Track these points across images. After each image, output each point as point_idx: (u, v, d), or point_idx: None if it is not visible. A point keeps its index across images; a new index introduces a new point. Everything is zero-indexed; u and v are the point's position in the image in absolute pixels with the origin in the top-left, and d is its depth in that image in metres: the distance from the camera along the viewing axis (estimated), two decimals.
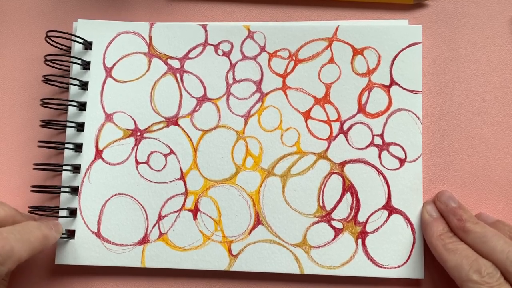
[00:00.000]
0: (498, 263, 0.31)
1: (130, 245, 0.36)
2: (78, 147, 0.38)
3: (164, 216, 0.37)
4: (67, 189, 0.37)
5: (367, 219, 0.36)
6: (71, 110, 0.38)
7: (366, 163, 0.37)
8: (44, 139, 0.38)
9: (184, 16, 0.40)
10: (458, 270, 0.32)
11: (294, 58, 0.38)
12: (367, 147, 0.37)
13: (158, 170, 0.37)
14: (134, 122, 0.38)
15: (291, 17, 0.40)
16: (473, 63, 0.38)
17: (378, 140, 0.37)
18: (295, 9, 0.40)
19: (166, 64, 0.38)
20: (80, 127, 0.38)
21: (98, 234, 0.36)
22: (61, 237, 0.36)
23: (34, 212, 0.36)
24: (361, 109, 0.37)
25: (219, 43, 0.38)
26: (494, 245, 0.31)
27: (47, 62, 0.37)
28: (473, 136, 0.38)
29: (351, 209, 0.36)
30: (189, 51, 0.38)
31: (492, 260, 0.31)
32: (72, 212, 0.37)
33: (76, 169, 0.37)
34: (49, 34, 0.37)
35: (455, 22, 0.39)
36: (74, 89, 0.38)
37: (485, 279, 0.30)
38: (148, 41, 0.38)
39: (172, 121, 0.38)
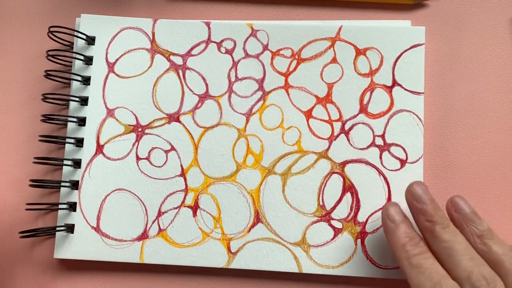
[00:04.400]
0: (459, 281, 0.29)
1: (129, 240, 0.36)
2: (79, 142, 0.38)
3: (163, 212, 0.37)
4: (67, 184, 0.37)
5: (367, 219, 0.36)
6: (73, 105, 0.38)
7: (367, 163, 0.37)
8: (45, 134, 0.38)
9: (185, 16, 0.40)
10: None
11: (296, 57, 0.38)
12: (368, 147, 0.37)
13: (159, 166, 0.37)
14: (136, 117, 0.38)
15: (293, 17, 0.40)
16: (473, 64, 0.38)
17: (379, 141, 0.37)
18: (297, 9, 0.40)
19: (169, 60, 0.38)
20: (81, 122, 0.38)
21: (97, 229, 0.36)
22: (60, 231, 0.36)
23: (32, 207, 0.36)
24: (363, 109, 0.37)
25: (222, 41, 0.38)
26: (458, 259, 0.29)
27: (49, 57, 0.37)
28: (474, 137, 0.38)
29: (351, 209, 0.36)
30: (192, 48, 0.38)
31: (454, 276, 0.29)
32: (72, 207, 0.37)
33: (76, 163, 0.37)
34: (51, 29, 0.37)
35: (456, 22, 0.39)
36: (76, 84, 0.38)
37: None
38: (151, 37, 0.38)
39: (174, 117, 0.38)
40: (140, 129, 0.38)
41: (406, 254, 0.30)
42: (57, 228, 0.36)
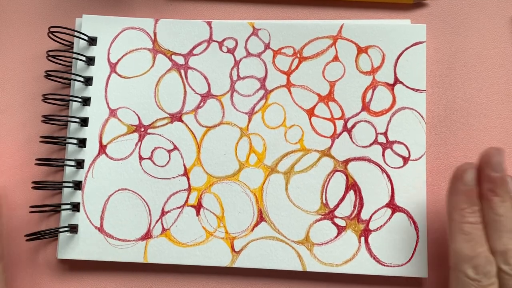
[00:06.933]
0: (494, 251, 0.30)
1: (133, 240, 0.36)
2: (81, 142, 0.38)
3: (167, 212, 0.37)
4: (70, 184, 0.37)
5: (370, 217, 0.36)
6: (75, 105, 0.38)
7: (370, 161, 0.37)
8: (46, 135, 0.38)
9: (186, 16, 0.40)
10: (458, 256, 0.31)
11: (298, 55, 0.38)
12: (370, 145, 0.37)
13: (162, 166, 0.37)
14: (138, 117, 0.38)
15: (293, 17, 0.40)
16: (473, 63, 0.38)
17: (381, 138, 0.37)
18: (297, 9, 0.40)
19: (171, 60, 0.38)
20: (83, 122, 0.38)
21: (101, 229, 0.36)
22: (64, 231, 0.36)
23: (36, 210, 0.36)
24: (365, 107, 0.37)
25: (223, 40, 0.38)
26: (502, 235, 0.30)
27: (49, 58, 0.37)
28: (476, 134, 0.38)
29: (354, 207, 0.36)
30: (193, 48, 0.38)
31: (491, 246, 0.31)
32: (75, 207, 0.37)
33: (79, 164, 0.37)
34: (52, 29, 0.36)
35: (455, 22, 0.39)
36: (77, 85, 0.38)
37: (478, 277, 0.30)
38: (153, 37, 0.38)
39: (176, 117, 0.38)
40: (142, 129, 0.38)
41: (461, 219, 0.31)
42: (61, 229, 0.36)
